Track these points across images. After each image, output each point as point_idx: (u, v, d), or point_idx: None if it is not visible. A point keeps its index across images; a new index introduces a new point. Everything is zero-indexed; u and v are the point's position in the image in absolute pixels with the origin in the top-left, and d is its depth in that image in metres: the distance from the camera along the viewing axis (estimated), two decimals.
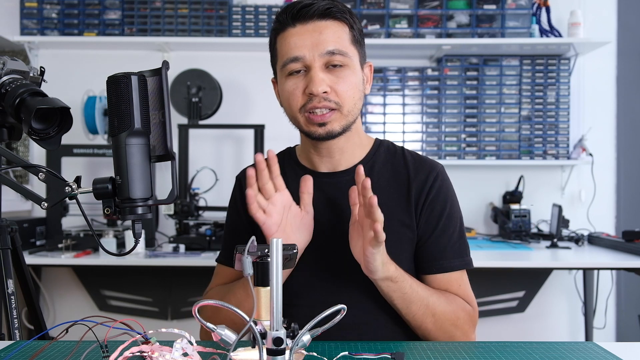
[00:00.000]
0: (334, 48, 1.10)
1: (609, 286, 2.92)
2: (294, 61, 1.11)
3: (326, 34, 1.11)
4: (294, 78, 1.13)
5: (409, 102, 2.86)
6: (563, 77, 2.85)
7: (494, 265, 2.26)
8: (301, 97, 1.12)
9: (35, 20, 2.81)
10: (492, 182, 2.97)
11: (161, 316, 2.85)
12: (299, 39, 1.11)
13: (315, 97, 1.10)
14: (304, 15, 1.11)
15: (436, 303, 1.11)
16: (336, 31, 1.12)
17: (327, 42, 1.10)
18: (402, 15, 2.81)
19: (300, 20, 1.12)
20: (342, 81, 1.11)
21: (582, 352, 0.92)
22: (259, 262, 0.81)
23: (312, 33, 1.11)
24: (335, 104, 1.11)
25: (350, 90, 1.12)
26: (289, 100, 1.14)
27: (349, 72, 1.12)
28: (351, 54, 1.13)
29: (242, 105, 2.94)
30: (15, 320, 1.21)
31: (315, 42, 1.10)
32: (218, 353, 0.88)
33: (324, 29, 1.11)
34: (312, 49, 1.10)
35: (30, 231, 2.45)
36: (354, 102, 1.13)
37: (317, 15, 1.11)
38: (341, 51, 1.11)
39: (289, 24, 1.13)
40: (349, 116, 1.13)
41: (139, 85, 0.85)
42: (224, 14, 2.79)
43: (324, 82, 1.10)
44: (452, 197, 1.21)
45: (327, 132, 1.13)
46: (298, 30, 1.12)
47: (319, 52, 1.10)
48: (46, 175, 0.91)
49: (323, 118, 1.11)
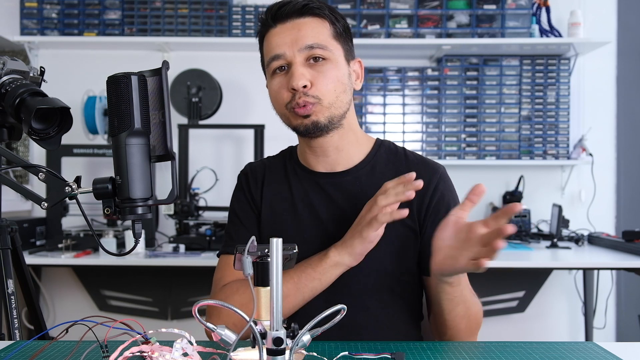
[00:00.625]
0: (312, 42, 1.12)
1: (609, 286, 2.92)
2: (275, 59, 1.13)
3: (305, 30, 1.12)
4: (278, 76, 1.14)
5: (409, 102, 2.86)
6: (563, 77, 2.85)
7: (494, 265, 2.25)
8: (286, 94, 1.13)
9: (35, 20, 2.81)
10: (492, 182, 2.97)
11: (161, 316, 2.85)
12: (279, 38, 1.13)
13: (297, 92, 1.11)
14: (282, 14, 1.14)
15: (473, 305, 1.11)
16: (315, 27, 1.13)
17: (306, 37, 1.12)
18: (402, 15, 2.81)
19: (279, 20, 1.14)
20: (322, 75, 1.12)
21: (582, 352, 0.92)
22: (259, 262, 0.81)
23: (291, 30, 1.13)
24: (314, 98, 1.12)
25: (330, 83, 1.12)
26: (276, 98, 1.16)
27: (331, 66, 1.13)
28: (332, 48, 1.13)
29: (242, 105, 2.94)
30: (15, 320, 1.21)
31: (295, 38, 1.12)
32: (218, 353, 0.88)
33: (302, 26, 1.13)
34: (292, 45, 1.12)
35: (30, 231, 2.45)
36: (336, 95, 1.13)
37: (295, 13, 1.13)
38: (320, 44, 1.12)
39: (270, 25, 1.15)
40: (331, 108, 1.13)
41: (139, 85, 0.85)
42: (224, 14, 2.79)
43: (304, 77, 1.11)
44: (456, 199, 1.22)
45: (313, 123, 1.13)
46: (278, 29, 1.14)
47: (298, 48, 1.11)
48: (46, 175, 0.91)
49: (305, 110, 1.12)
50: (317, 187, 1.20)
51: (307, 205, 1.20)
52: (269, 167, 1.28)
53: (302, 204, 1.20)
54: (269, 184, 1.25)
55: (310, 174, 1.22)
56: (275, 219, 1.22)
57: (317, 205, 1.19)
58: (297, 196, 1.21)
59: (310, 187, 1.21)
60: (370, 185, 1.18)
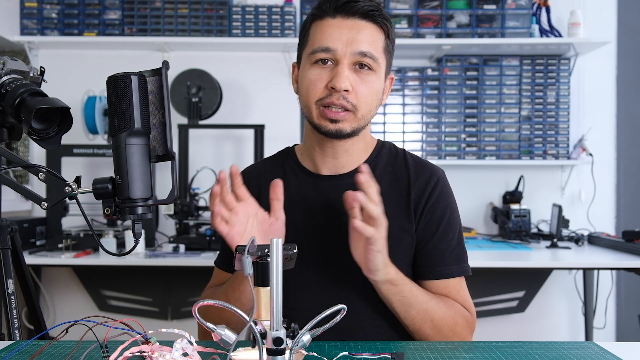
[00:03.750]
0: (367, 50, 1.10)
1: (609, 286, 2.92)
2: (325, 51, 1.11)
3: (363, 34, 1.10)
4: (319, 68, 1.12)
5: (408, 102, 2.86)
6: (563, 77, 2.86)
7: (494, 265, 2.26)
8: (322, 90, 1.11)
9: (35, 20, 2.81)
10: (492, 182, 2.97)
11: (161, 316, 2.85)
12: (335, 31, 1.11)
13: (336, 93, 1.10)
14: (347, 9, 1.11)
15: (435, 308, 1.10)
16: (373, 34, 1.11)
17: (362, 42, 1.10)
18: (402, 15, 2.81)
19: (342, 13, 1.11)
20: (365, 84, 1.11)
21: (582, 352, 0.92)
22: (259, 262, 0.81)
23: (350, 29, 1.10)
24: (352, 106, 1.11)
25: (370, 95, 1.12)
26: (308, 89, 1.13)
27: (374, 78, 1.12)
28: (380, 61, 1.13)
29: (242, 105, 2.94)
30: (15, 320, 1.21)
31: (352, 39, 1.10)
32: (218, 353, 0.88)
33: (362, 29, 1.11)
34: (347, 44, 1.10)
35: (30, 231, 2.45)
36: (370, 108, 1.13)
37: (359, 14, 1.11)
38: (372, 55, 1.10)
39: (330, 14, 1.12)
40: (361, 120, 1.13)
41: (139, 85, 0.85)
42: (224, 14, 2.79)
43: (348, 80, 1.09)
44: (452, 204, 1.21)
45: (337, 130, 1.12)
46: (337, 22, 1.11)
47: (352, 50, 1.10)
48: (46, 175, 0.91)
49: (337, 115, 1.11)
50: (316, 189, 1.19)
51: (305, 207, 1.19)
52: (265, 169, 1.27)
53: (301, 206, 1.19)
54: (265, 187, 1.24)
55: (309, 176, 1.22)
56: None
57: (315, 207, 1.18)
58: (295, 198, 1.20)
59: (309, 189, 1.20)
60: None
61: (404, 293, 1.08)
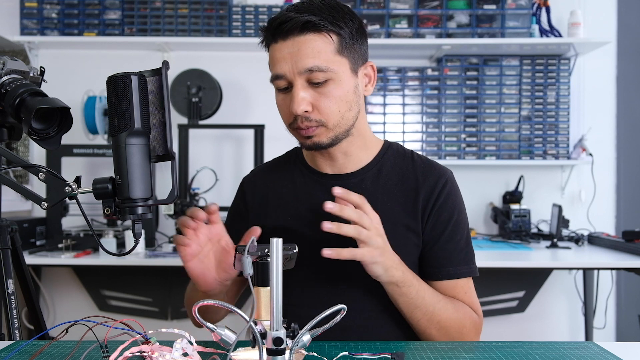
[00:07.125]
0: (312, 65, 1.06)
1: (609, 286, 2.92)
2: (277, 79, 1.10)
3: (305, 50, 1.06)
4: (282, 94, 1.12)
5: (409, 102, 2.86)
6: (563, 77, 2.85)
7: (494, 265, 2.26)
8: (288, 115, 1.11)
9: (35, 20, 2.81)
10: (492, 182, 2.97)
11: (161, 316, 2.85)
12: (279, 55, 1.09)
13: (298, 116, 1.09)
14: (282, 31, 1.08)
15: (442, 310, 1.10)
16: (315, 46, 1.07)
17: (306, 59, 1.06)
18: (402, 15, 2.81)
19: (280, 36, 1.09)
20: (325, 97, 1.08)
21: (582, 352, 0.92)
22: (259, 262, 0.81)
23: (291, 49, 1.07)
24: (317, 122, 1.09)
25: (335, 104, 1.09)
26: (281, 115, 1.15)
27: (334, 86, 1.09)
28: (334, 66, 1.08)
29: (242, 105, 2.94)
30: (15, 320, 1.21)
31: (295, 58, 1.07)
32: (218, 353, 0.88)
33: (302, 45, 1.06)
34: (292, 66, 1.07)
35: (30, 231, 2.44)
36: (341, 115, 1.10)
37: (295, 31, 1.07)
38: (320, 67, 1.06)
39: (271, 40, 1.11)
40: (337, 128, 1.11)
41: (139, 85, 0.85)
42: (224, 14, 2.79)
43: (305, 101, 1.07)
44: (460, 204, 1.20)
45: (315, 144, 1.12)
46: (279, 46, 1.09)
47: (298, 70, 1.07)
48: (46, 175, 0.91)
49: (308, 132, 1.11)
50: (323, 189, 1.19)
51: (311, 207, 1.19)
52: (272, 169, 1.28)
53: (307, 205, 1.20)
54: (272, 186, 1.25)
55: (316, 175, 1.22)
56: (279, 220, 1.21)
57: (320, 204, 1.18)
58: (301, 197, 1.21)
59: (316, 188, 1.21)
60: (375, 187, 1.18)
61: (409, 295, 1.08)
